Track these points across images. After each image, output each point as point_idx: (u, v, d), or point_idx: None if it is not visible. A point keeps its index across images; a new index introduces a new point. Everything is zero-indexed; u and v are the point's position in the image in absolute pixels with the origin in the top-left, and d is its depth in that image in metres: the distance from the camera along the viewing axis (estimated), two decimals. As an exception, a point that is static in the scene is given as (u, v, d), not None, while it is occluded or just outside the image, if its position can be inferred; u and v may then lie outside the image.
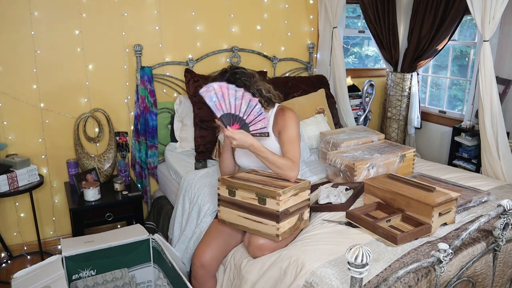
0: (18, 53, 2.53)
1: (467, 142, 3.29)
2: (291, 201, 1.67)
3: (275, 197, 1.60)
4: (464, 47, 3.84)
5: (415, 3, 3.59)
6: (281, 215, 1.62)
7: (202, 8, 3.00)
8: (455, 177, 2.34)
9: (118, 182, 2.63)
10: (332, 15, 3.30)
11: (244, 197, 1.71)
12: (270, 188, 1.64)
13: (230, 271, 1.81)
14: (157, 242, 1.99)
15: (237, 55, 3.15)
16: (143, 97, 2.78)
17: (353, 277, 1.16)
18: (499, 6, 2.23)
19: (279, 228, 1.62)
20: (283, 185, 1.68)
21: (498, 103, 2.41)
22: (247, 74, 1.85)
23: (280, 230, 1.63)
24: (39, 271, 1.70)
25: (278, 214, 1.61)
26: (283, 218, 1.63)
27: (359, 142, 2.56)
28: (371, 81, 3.74)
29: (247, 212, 1.71)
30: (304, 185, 1.75)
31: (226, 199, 1.78)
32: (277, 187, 1.65)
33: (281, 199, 1.60)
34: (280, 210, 1.61)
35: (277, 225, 1.62)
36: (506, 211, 1.54)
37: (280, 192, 1.60)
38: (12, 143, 2.62)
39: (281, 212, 1.61)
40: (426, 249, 1.56)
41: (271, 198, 1.62)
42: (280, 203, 1.60)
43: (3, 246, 2.71)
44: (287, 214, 1.65)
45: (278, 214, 1.61)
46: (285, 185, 1.68)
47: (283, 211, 1.63)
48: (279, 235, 1.63)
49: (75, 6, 2.62)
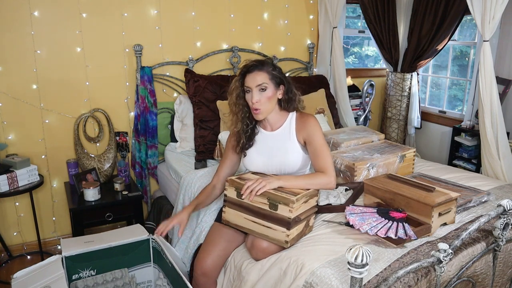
0: (18, 53, 2.53)
1: (467, 142, 3.29)
2: (302, 208, 1.65)
3: (288, 204, 1.57)
4: (464, 47, 3.84)
5: (415, 3, 3.58)
6: (292, 222, 1.59)
7: (202, 8, 3.00)
8: (455, 177, 2.34)
9: (118, 182, 2.62)
10: (332, 15, 3.30)
11: (254, 201, 1.66)
12: (282, 194, 1.60)
13: (230, 273, 1.81)
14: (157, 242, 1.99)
15: (237, 55, 3.15)
16: (143, 97, 2.78)
17: (353, 277, 1.16)
18: (499, 6, 2.23)
19: (289, 234, 1.59)
20: (295, 192, 1.65)
21: (498, 103, 2.41)
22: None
23: (289, 237, 1.60)
24: (39, 271, 1.69)
25: (289, 221, 1.58)
26: (293, 225, 1.60)
27: (359, 142, 2.56)
28: (371, 81, 3.74)
29: (256, 216, 1.67)
30: (314, 192, 1.73)
31: (234, 200, 1.73)
32: (289, 193, 1.62)
33: (294, 206, 1.57)
34: (292, 217, 1.58)
35: (287, 231, 1.59)
36: (506, 211, 1.54)
37: (293, 199, 1.56)
38: (12, 143, 2.62)
39: (292, 219, 1.58)
40: (426, 249, 1.56)
41: (283, 204, 1.59)
42: (293, 210, 1.57)
43: (3, 246, 2.71)
44: (297, 221, 1.63)
45: (289, 221, 1.58)
46: (297, 192, 1.65)
47: (294, 218, 1.60)
48: (288, 241, 1.60)
49: (75, 6, 2.62)
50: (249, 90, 1.78)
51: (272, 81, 1.79)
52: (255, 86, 1.76)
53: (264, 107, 1.78)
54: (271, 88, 1.78)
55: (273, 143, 1.88)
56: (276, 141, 1.88)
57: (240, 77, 1.81)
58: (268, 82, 1.77)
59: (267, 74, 1.78)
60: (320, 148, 1.80)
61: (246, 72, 1.79)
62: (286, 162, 1.86)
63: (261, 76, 1.76)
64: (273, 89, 1.80)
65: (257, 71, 1.77)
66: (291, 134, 1.87)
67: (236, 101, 1.84)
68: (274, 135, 1.89)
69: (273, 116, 1.87)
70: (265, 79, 1.77)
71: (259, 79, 1.76)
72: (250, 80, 1.77)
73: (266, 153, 1.88)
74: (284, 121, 1.89)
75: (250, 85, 1.76)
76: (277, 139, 1.88)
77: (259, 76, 1.76)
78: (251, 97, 1.77)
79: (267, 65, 1.80)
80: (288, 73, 3.44)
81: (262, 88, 1.76)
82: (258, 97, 1.76)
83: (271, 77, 1.78)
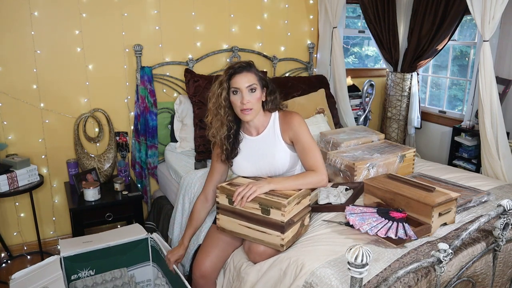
0: (18, 53, 2.53)
1: (467, 142, 3.29)
2: (295, 209, 1.64)
3: (280, 208, 1.56)
4: (464, 47, 3.84)
5: (415, 3, 3.58)
6: (286, 225, 1.58)
7: (202, 8, 3.00)
8: (455, 177, 2.34)
9: (118, 182, 2.62)
10: (332, 15, 3.30)
11: (246, 207, 1.65)
12: (274, 198, 1.59)
13: (230, 274, 1.81)
14: (155, 241, 1.99)
15: (237, 55, 3.15)
16: (143, 97, 2.78)
17: (353, 277, 1.15)
18: (499, 6, 2.23)
19: (284, 238, 1.59)
20: (287, 194, 1.64)
21: (498, 103, 2.41)
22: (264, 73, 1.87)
23: (284, 240, 1.59)
24: (37, 272, 1.69)
25: (283, 225, 1.57)
26: (287, 228, 1.59)
27: (359, 142, 2.56)
28: (371, 81, 3.74)
29: (249, 222, 1.66)
30: (305, 192, 1.72)
31: (226, 207, 1.71)
32: (280, 197, 1.61)
33: (286, 210, 1.56)
34: (285, 221, 1.57)
35: (281, 235, 1.58)
36: (506, 211, 1.54)
37: (285, 203, 1.55)
38: (12, 143, 2.62)
39: (285, 223, 1.57)
40: (426, 249, 1.56)
41: (275, 208, 1.57)
42: (285, 213, 1.56)
43: (3, 246, 2.71)
44: (291, 223, 1.62)
45: (283, 225, 1.57)
46: (289, 194, 1.64)
47: (288, 221, 1.59)
48: (283, 245, 1.60)
49: (75, 6, 2.62)
50: (237, 91, 1.75)
51: (259, 82, 1.79)
52: (245, 86, 1.74)
53: (255, 107, 1.77)
54: (259, 89, 1.78)
55: (259, 147, 1.86)
56: (262, 145, 1.86)
57: (226, 78, 1.77)
58: (256, 83, 1.77)
59: (255, 76, 1.78)
60: (308, 146, 1.79)
61: (234, 73, 1.76)
62: (275, 164, 1.85)
63: (250, 77, 1.76)
64: (260, 90, 1.80)
65: (246, 72, 1.76)
66: (276, 135, 1.85)
67: (222, 103, 1.78)
68: (259, 140, 1.87)
69: (259, 118, 1.85)
70: (254, 80, 1.77)
71: (249, 79, 1.75)
72: (239, 81, 1.74)
73: (253, 159, 1.86)
74: (267, 122, 1.88)
75: (240, 85, 1.74)
76: (262, 142, 1.86)
77: (249, 77, 1.76)
78: (240, 98, 1.75)
79: (253, 67, 1.81)
80: (288, 73, 3.44)
81: (252, 88, 1.75)
82: (248, 97, 1.74)
83: (258, 79, 1.79)
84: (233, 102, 1.77)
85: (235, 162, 1.89)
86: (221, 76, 1.80)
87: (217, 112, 1.79)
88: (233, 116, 1.82)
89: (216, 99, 1.78)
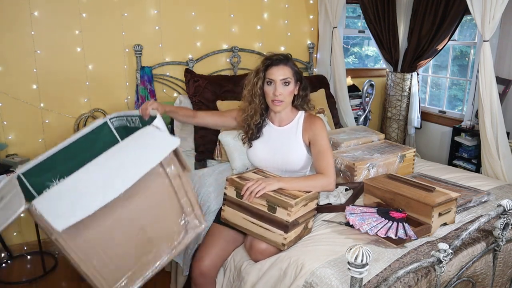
0: (18, 53, 2.53)
1: (467, 142, 3.29)
2: (301, 211, 1.64)
3: (287, 207, 1.56)
4: (464, 47, 3.84)
5: (415, 3, 3.58)
6: (290, 225, 1.58)
7: (202, 8, 3.00)
8: (455, 177, 2.34)
9: (118, 182, 2.61)
10: (332, 15, 3.30)
11: (253, 202, 1.66)
12: (282, 197, 1.60)
13: (230, 273, 1.81)
14: (115, 117, 1.74)
15: (237, 55, 3.15)
16: (143, 97, 2.78)
17: (353, 277, 1.15)
18: (499, 6, 2.23)
19: (286, 238, 1.59)
20: (295, 195, 1.64)
21: (498, 103, 2.41)
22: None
23: (287, 240, 1.59)
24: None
25: (287, 225, 1.57)
26: (291, 228, 1.60)
27: (359, 142, 2.56)
28: (371, 81, 3.74)
29: (254, 217, 1.67)
30: (313, 195, 1.72)
31: (233, 200, 1.72)
32: (288, 197, 1.61)
33: (293, 210, 1.56)
34: (290, 221, 1.57)
35: (284, 234, 1.59)
36: (506, 211, 1.54)
37: (292, 203, 1.55)
38: (12, 143, 2.62)
39: (290, 223, 1.57)
40: (426, 249, 1.56)
41: (282, 207, 1.58)
42: (291, 214, 1.56)
43: (3, 246, 2.70)
44: (295, 224, 1.62)
45: (287, 224, 1.57)
46: (297, 195, 1.64)
47: (292, 222, 1.59)
48: (285, 244, 1.60)
49: (75, 6, 2.62)
50: (271, 82, 1.80)
51: (294, 76, 1.82)
52: (279, 79, 1.78)
53: (286, 100, 1.82)
54: (293, 83, 1.82)
55: (279, 138, 1.89)
56: (282, 137, 1.89)
57: (263, 68, 1.82)
58: (291, 77, 1.81)
59: (291, 69, 1.82)
60: (323, 149, 1.82)
61: (270, 65, 1.81)
62: (289, 160, 1.87)
63: (286, 70, 1.80)
64: (294, 84, 1.83)
65: (283, 65, 1.80)
66: (297, 132, 1.88)
67: (257, 92, 1.84)
68: (281, 131, 1.91)
69: (286, 111, 1.90)
70: (289, 74, 1.80)
71: (285, 73, 1.79)
72: (275, 73, 1.79)
73: (271, 147, 1.89)
74: (293, 118, 1.91)
75: (275, 77, 1.78)
76: (283, 135, 1.90)
77: (285, 70, 1.80)
78: (273, 89, 1.79)
79: (290, 61, 1.84)
80: (288, 73, 3.44)
81: (286, 82, 1.79)
82: (281, 90, 1.79)
83: (293, 73, 1.82)
84: (266, 92, 1.82)
85: (254, 145, 1.92)
86: (258, 65, 1.85)
87: (252, 100, 1.86)
88: (265, 104, 1.88)
89: (252, 87, 1.85)
